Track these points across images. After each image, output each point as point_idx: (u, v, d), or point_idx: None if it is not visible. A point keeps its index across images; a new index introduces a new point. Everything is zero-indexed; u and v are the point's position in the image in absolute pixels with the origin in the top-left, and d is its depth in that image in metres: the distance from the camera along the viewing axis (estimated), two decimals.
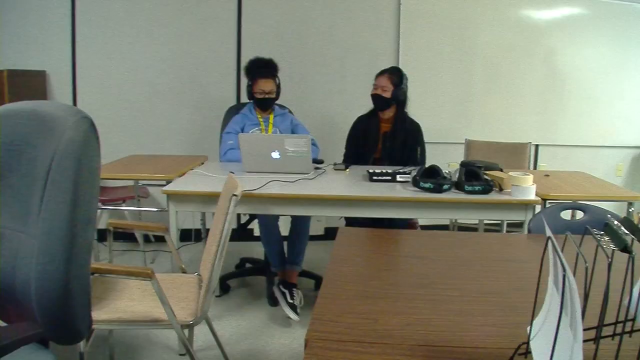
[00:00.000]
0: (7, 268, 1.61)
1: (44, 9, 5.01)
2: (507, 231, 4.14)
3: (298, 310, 3.33)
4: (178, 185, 3.12)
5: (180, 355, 3.00)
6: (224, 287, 3.84)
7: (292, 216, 3.57)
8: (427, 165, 3.22)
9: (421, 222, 4.17)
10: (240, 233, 4.12)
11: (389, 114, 3.80)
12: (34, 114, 1.61)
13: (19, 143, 1.63)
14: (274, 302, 3.61)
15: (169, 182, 3.24)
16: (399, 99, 3.74)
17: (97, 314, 2.11)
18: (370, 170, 3.32)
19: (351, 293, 1.57)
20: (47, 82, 5.07)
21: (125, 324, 2.18)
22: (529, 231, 2.41)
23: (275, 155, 3.35)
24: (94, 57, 5.01)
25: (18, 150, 1.63)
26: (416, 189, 3.04)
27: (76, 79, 5.04)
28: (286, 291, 3.43)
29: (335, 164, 3.67)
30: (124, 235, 4.65)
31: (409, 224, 3.75)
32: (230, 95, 4.94)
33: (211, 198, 2.86)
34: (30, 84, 4.85)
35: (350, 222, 3.59)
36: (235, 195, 2.15)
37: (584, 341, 0.89)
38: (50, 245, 1.44)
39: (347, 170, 3.60)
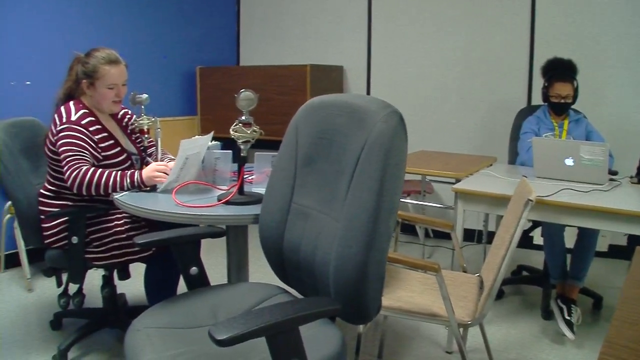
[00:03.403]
0: (309, 246, 1.75)
1: (343, 10, 5.38)
2: None
3: (574, 329, 3.14)
4: (468, 185, 3.12)
5: (447, 352, 3.01)
6: (498, 293, 3.75)
7: (579, 228, 3.36)
8: None
9: None
10: (520, 239, 4.00)
11: None
12: (347, 106, 1.72)
13: (331, 132, 1.75)
14: (548, 315, 3.44)
15: (457, 180, 3.25)
16: None
17: None
18: None
19: None
20: (343, 76, 5.41)
21: (404, 313, 2.24)
22: None
23: (569, 162, 3.18)
24: (387, 54, 5.24)
25: (329, 139, 1.75)
26: None
27: (370, 74, 5.31)
28: (564, 306, 3.24)
29: (631, 177, 3.37)
30: (405, 227, 4.77)
31: None
32: (520, 97, 4.78)
33: (499, 200, 2.83)
34: (329, 77, 5.24)
35: (637, 240, 3.27)
36: (530, 200, 2.09)
37: None
38: (353, 230, 1.52)
39: None
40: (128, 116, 3.01)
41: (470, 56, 4.93)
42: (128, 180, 2.50)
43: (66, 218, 2.69)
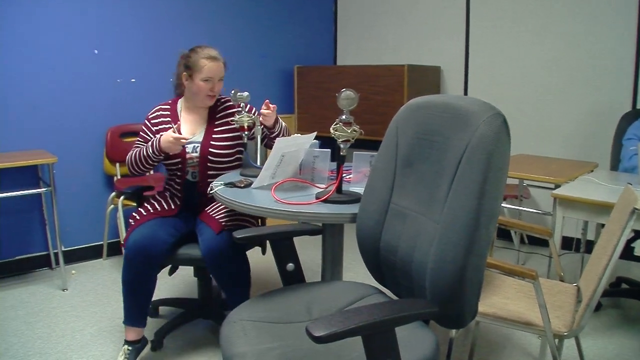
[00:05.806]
0: (407, 247, 1.75)
1: (440, 9, 5.33)
2: None
3: None
4: (568, 191, 3.01)
5: None
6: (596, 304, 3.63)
7: None
8: None
9: None
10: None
11: None
12: (448, 107, 1.70)
13: (432, 133, 1.74)
14: None
15: (557, 186, 3.15)
16: None
17: None
18: None
19: None
20: (440, 76, 5.37)
21: (497, 320, 2.19)
22: None
23: None
24: (485, 55, 5.14)
25: (430, 140, 1.75)
26: None
27: (468, 75, 5.23)
28: None
29: None
30: (499, 232, 4.67)
31: None
32: (625, 101, 4.57)
33: (601, 208, 2.73)
34: (426, 78, 5.20)
35: None
36: (636, 209, 2.00)
37: None
38: (452, 233, 1.51)
39: None
40: (227, 104, 3.10)
41: (572, 57, 4.76)
42: (150, 148, 2.77)
43: None
